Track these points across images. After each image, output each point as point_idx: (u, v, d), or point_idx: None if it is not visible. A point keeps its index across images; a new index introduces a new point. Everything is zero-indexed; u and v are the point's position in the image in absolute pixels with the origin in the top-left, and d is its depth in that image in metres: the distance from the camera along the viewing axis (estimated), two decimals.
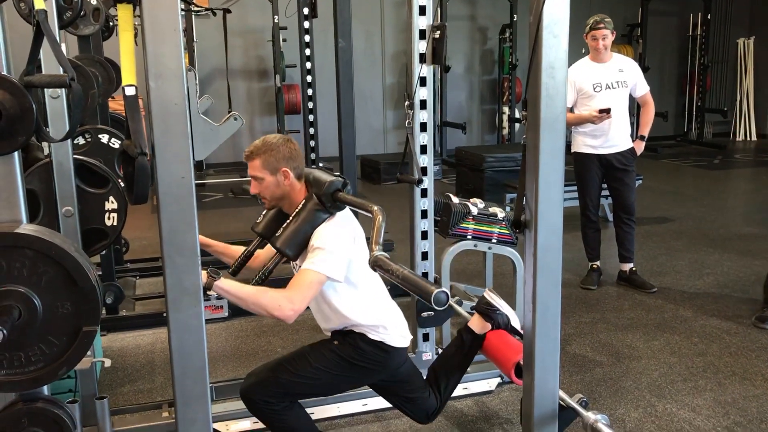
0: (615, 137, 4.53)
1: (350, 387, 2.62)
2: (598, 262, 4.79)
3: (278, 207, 2.46)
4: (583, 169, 4.64)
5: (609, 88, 4.46)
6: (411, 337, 2.56)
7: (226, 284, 2.15)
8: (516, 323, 2.74)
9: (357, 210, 2.30)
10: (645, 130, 4.73)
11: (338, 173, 2.43)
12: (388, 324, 2.44)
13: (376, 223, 1.98)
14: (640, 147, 4.67)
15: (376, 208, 2.05)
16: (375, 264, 1.85)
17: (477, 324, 2.75)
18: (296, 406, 2.44)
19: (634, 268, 4.71)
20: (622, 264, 4.75)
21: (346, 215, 2.39)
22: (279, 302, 2.17)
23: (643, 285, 4.61)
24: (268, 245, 2.57)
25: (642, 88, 4.60)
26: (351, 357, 2.41)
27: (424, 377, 2.71)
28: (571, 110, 4.55)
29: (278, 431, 2.47)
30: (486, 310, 2.76)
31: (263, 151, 2.34)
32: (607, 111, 4.35)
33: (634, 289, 4.60)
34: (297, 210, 2.35)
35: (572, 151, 4.63)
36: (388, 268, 1.83)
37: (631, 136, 4.68)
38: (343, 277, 2.30)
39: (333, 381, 2.44)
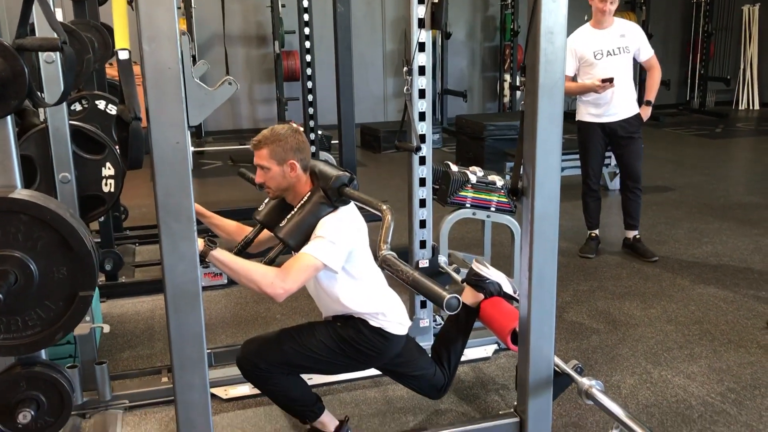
0: (619, 105, 4.46)
1: (349, 370, 2.63)
2: (596, 231, 4.79)
3: (282, 197, 2.46)
4: (586, 138, 4.59)
5: (610, 54, 4.39)
6: (410, 323, 2.58)
7: (222, 255, 2.15)
8: (508, 288, 2.76)
9: (364, 207, 2.30)
10: (651, 95, 4.64)
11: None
12: (386, 312, 2.45)
13: (385, 222, 1.99)
14: (646, 113, 4.58)
15: (384, 206, 2.06)
16: (384, 264, 1.85)
17: (469, 296, 2.76)
18: (292, 373, 2.46)
19: (638, 236, 4.69)
20: (627, 231, 4.73)
21: (350, 209, 2.39)
22: (271, 280, 2.17)
23: (645, 253, 4.60)
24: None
25: (646, 53, 4.51)
26: (352, 339, 2.42)
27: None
28: (573, 79, 4.49)
29: (274, 396, 2.49)
30: (475, 281, 2.77)
31: (271, 141, 2.32)
32: (610, 80, 4.28)
33: (634, 257, 4.60)
34: (302, 202, 2.34)
35: (576, 119, 4.59)
36: (397, 268, 1.84)
37: (638, 101, 4.59)
38: (340, 268, 2.30)
39: (334, 359, 2.44)
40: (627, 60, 4.44)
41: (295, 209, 2.35)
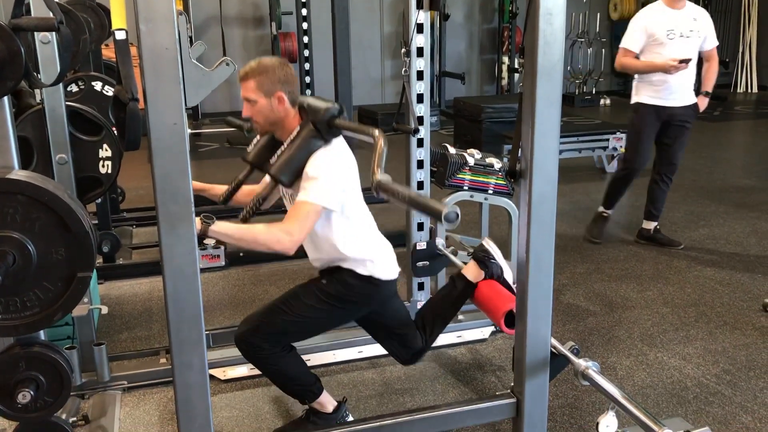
0: (681, 91, 4.25)
1: (343, 322, 2.61)
2: (611, 211, 4.64)
3: (270, 134, 2.41)
4: (641, 122, 4.34)
5: (683, 36, 4.16)
6: (399, 269, 2.54)
7: (222, 227, 2.14)
8: (509, 276, 2.75)
9: (356, 135, 2.25)
10: (709, 86, 4.42)
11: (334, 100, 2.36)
12: (376, 257, 2.43)
13: (378, 147, 1.93)
14: (703, 103, 4.40)
15: (377, 132, 1.99)
16: (379, 188, 1.80)
17: (472, 271, 2.76)
18: (291, 351, 2.47)
19: (658, 227, 4.58)
20: (647, 222, 4.59)
21: (341, 144, 2.34)
22: (277, 236, 2.16)
23: (671, 243, 4.49)
24: (261, 185, 2.56)
25: (711, 42, 4.30)
26: (340, 293, 2.40)
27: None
28: (636, 57, 4.26)
29: (273, 376, 2.50)
30: (483, 257, 2.77)
31: (258, 72, 2.27)
32: (687, 61, 4.05)
33: (632, 242, 4.61)
34: (292, 137, 2.29)
35: (633, 101, 4.37)
36: (393, 190, 1.78)
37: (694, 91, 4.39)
38: (339, 206, 2.27)
39: (325, 317, 2.44)
40: (696, 45, 4.23)
41: (285, 145, 2.30)
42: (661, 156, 4.47)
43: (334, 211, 2.28)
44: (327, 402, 2.55)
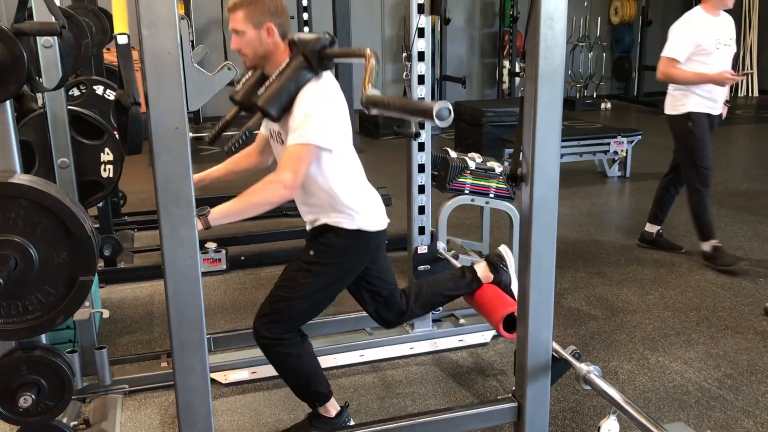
0: (721, 98, 4.16)
1: (346, 282, 2.50)
2: (716, 240, 4.25)
3: (260, 70, 2.32)
4: (701, 129, 4.16)
5: (726, 45, 4.07)
6: (388, 220, 2.49)
7: (219, 211, 2.11)
8: (515, 288, 2.75)
9: (347, 60, 2.19)
10: (728, 96, 4.33)
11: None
12: (364, 207, 2.37)
13: (369, 65, 1.86)
14: (725, 111, 4.31)
15: (367, 50, 1.94)
16: (368, 102, 1.74)
17: (482, 272, 2.77)
18: (306, 347, 2.44)
19: (660, 231, 4.54)
20: (651, 225, 4.54)
21: (331, 79, 2.27)
22: (271, 189, 2.12)
23: (673, 247, 4.45)
24: (253, 152, 2.53)
25: (734, 48, 4.20)
26: (332, 256, 2.36)
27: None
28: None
29: (290, 372, 2.46)
30: (496, 261, 2.78)
31: (247, 2, 2.19)
32: (746, 74, 3.96)
33: (633, 246, 4.61)
34: (281, 69, 2.20)
35: (683, 111, 4.17)
36: (382, 101, 1.72)
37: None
38: (334, 145, 2.21)
39: (326, 286, 2.40)
40: (733, 52, 4.14)
41: (273, 76, 2.21)
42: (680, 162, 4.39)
43: (329, 151, 2.21)
44: (331, 406, 2.55)
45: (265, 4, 2.21)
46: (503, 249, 2.81)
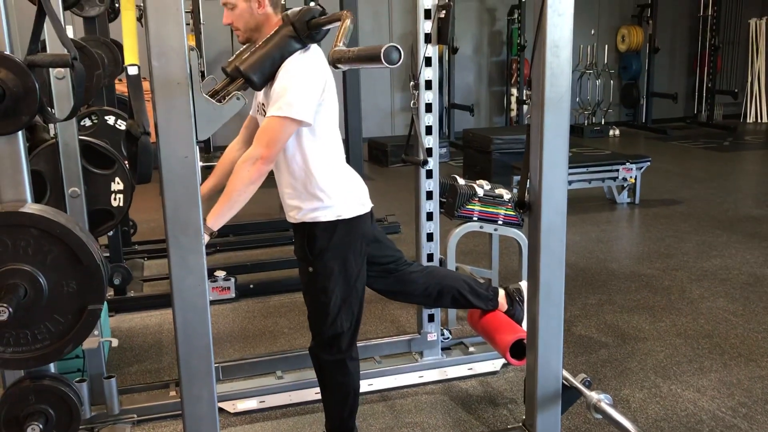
0: None
1: (362, 267, 2.42)
2: None
3: (252, 42, 2.27)
4: None
5: None
6: (372, 204, 2.43)
7: (213, 215, 2.12)
8: (524, 326, 2.74)
9: (332, 25, 2.10)
10: None
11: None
12: (341, 189, 2.30)
13: (344, 24, 1.85)
14: None
15: (345, 12, 1.93)
16: (334, 60, 1.72)
17: (500, 298, 2.78)
18: (356, 366, 2.46)
19: None
20: None
21: (318, 52, 2.23)
22: (247, 166, 2.09)
23: None
24: (241, 142, 2.50)
25: None
26: (332, 259, 2.31)
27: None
28: None
29: (339, 389, 2.48)
30: (514, 294, 2.78)
31: None
32: None
33: (644, 273, 4.58)
34: (268, 36, 2.15)
35: None
36: (345, 55, 1.71)
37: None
38: (313, 119, 2.15)
39: (352, 283, 2.36)
40: None
41: (260, 43, 2.15)
42: None
43: (310, 125, 2.15)
44: None
45: None
46: (523, 284, 2.81)
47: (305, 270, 2.38)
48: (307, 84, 2.13)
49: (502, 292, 2.81)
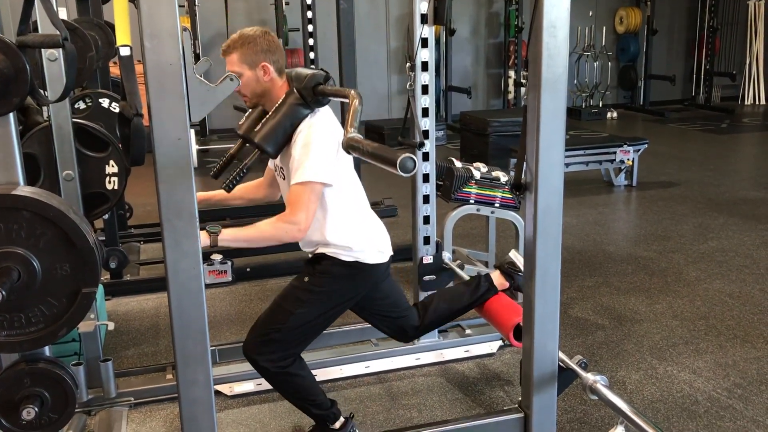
0: None
1: (339, 312, 2.47)
2: None
3: (261, 106, 2.36)
4: None
5: None
6: (391, 252, 2.47)
7: (230, 234, 2.12)
8: None
9: (337, 98, 2.19)
10: None
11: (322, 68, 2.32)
12: (362, 240, 2.36)
13: (352, 106, 1.88)
14: None
15: (353, 92, 1.96)
16: (348, 146, 1.76)
17: (497, 280, 2.77)
18: (300, 366, 2.42)
19: None
20: None
21: (328, 114, 2.29)
22: (284, 228, 2.14)
23: None
24: (262, 185, 2.57)
25: None
26: (327, 285, 2.34)
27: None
28: None
29: (284, 393, 2.48)
30: (508, 269, 2.77)
31: (240, 44, 2.22)
32: None
33: (640, 255, 4.58)
34: (277, 105, 2.23)
35: None
36: (360, 146, 1.74)
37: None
38: (334, 179, 2.22)
39: (321, 316, 2.38)
40: None
41: (270, 113, 2.24)
42: None
43: (330, 185, 2.22)
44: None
45: (258, 44, 2.24)
46: (513, 254, 2.80)
47: (302, 276, 2.41)
48: (321, 147, 2.19)
49: (496, 273, 2.81)
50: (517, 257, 2.79)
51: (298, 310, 2.35)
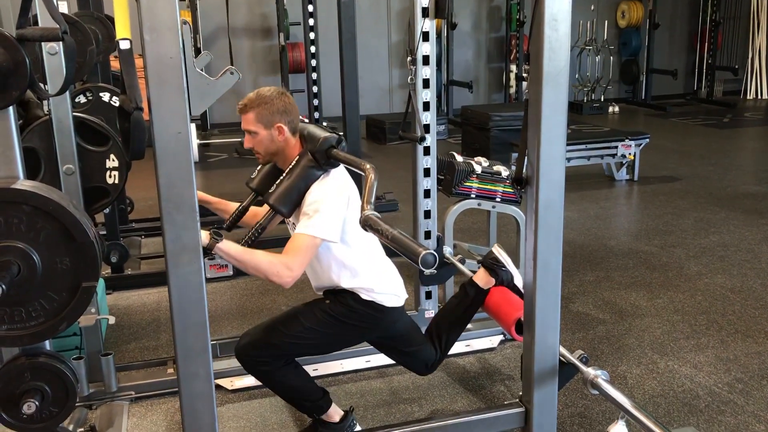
0: None
1: (344, 346, 2.60)
2: None
3: (273, 162, 2.43)
4: None
5: None
6: (406, 296, 2.55)
7: (228, 247, 2.13)
8: (519, 282, 2.73)
9: (351, 167, 2.26)
10: None
11: (336, 129, 2.37)
12: (380, 284, 2.41)
13: (368, 181, 1.93)
14: None
15: (368, 166, 2.00)
16: (365, 224, 1.80)
17: (482, 278, 2.75)
18: (292, 365, 2.44)
19: None
20: None
21: (340, 173, 2.36)
22: (277, 269, 2.17)
23: None
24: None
25: None
26: (342, 315, 2.39)
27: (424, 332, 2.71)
28: None
29: (277, 390, 2.49)
30: (492, 265, 2.76)
31: (257, 104, 2.28)
32: None
33: (642, 250, 4.58)
34: (290, 166, 2.30)
35: None
36: (379, 227, 1.77)
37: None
38: (339, 238, 2.28)
39: (325, 340, 2.43)
40: None
41: (284, 174, 2.31)
42: None
43: (335, 242, 2.28)
44: (334, 412, 2.53)
45: (275, 105, 2.28)
46: (495, 249, 2.79)
47: (323, 299, 2.45)
48: (331, 206, 2.24)
49: (481, 272, 2.79)
50: (500, 252, 2.78)
51: (309, 324, 2.38)
